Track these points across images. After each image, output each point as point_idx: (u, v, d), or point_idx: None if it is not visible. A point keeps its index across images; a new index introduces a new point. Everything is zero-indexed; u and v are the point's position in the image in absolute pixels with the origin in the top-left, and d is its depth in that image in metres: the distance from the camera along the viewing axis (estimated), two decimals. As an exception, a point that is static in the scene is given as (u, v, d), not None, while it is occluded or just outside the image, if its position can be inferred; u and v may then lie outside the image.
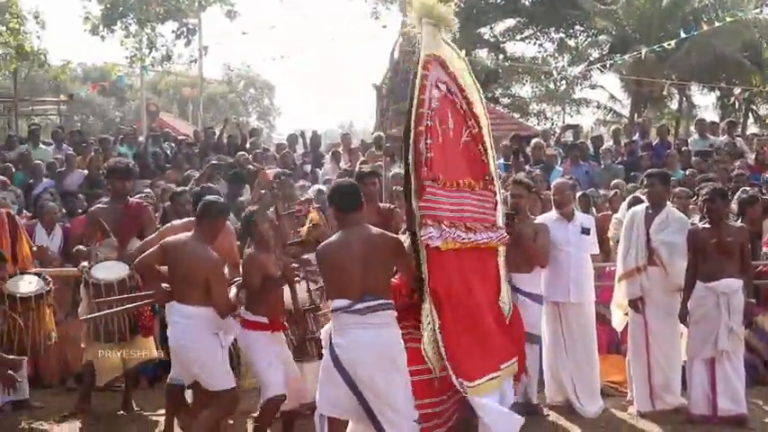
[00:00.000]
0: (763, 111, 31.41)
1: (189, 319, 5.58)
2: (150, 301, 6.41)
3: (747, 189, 9.12)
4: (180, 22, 21.87)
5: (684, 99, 30.00)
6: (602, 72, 30.09)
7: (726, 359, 6.79)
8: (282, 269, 5.83)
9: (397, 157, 10.29)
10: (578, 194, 8.59)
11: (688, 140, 15.43)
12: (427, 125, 5.16)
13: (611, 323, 7.85)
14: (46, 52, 19.84)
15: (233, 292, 5.94)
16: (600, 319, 7.67)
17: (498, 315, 5.85)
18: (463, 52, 6.14)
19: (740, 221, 7.62)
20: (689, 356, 6.98)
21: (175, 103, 47.79)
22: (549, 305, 7.28)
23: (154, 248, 5.82)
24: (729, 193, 7.76)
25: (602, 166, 12.61)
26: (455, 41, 6.68)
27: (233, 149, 13.82)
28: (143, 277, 6.56)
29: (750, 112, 30.78)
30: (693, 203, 9.07)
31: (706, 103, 41.54)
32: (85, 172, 12.36)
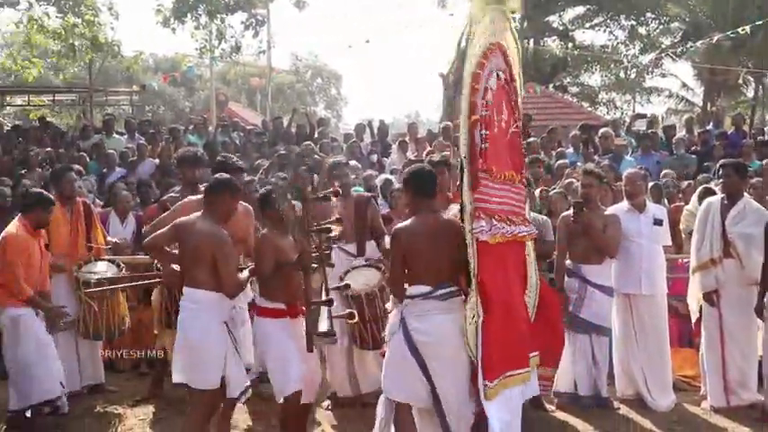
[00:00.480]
0: (844, 98, 30.41)
1: (197, 304, 5.34)
2: (158, 281, 6.47)
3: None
4: (249, 12, 22.01)
5: (761, 87, 29.15)
6: (674, 60, 29.58)
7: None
8: (300, 253, 5.52)
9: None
10: (650, 185, 8.42)
11: (765, 129, 15.03)
12: (483, 115, 5.08)
13: (682, 316, 7.71)
14: (119, 43, 20.12)
15: (245, 273, 5.65)
16: (671, 311, 7.54)
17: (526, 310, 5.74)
18: (531, 42, 6.00)
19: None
20: (765, 351, 6.80)
21: (244, 93, 48.34)
22: (619, 297, 7.18)
23: (165, 228, 5.58)
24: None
25: (675, 156, 12.35)
26: (522, 31, 6.54)
27: (301, 139, 13.92)
28: (154, 257, 6.48)
29: (829, 99, 29.86)
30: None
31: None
32: (157, 161, 12.60)
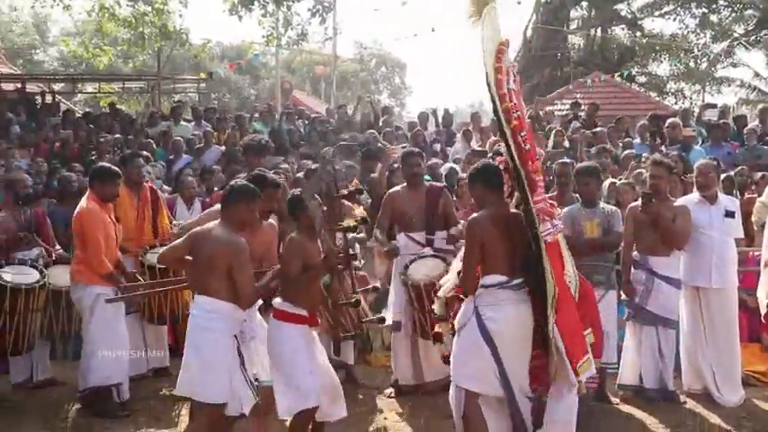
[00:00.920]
0: None
1: (209, 313, 5.05)
2: (181, 287, 6.53)
3: None
4: (315, 0, 22.07)
5: (840, 77, 28.32)
6: (746, 49, 28.80)
7: None
8: (326, 253, 5.36)
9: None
10: (722, 176, 8.25)
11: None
12: (517, 117, 5.04)
13: (752, 310, 7.54)
14: (188, 31, 20.42)
15: (266, 277, 5.41)
16: (742, 305, 7.39)
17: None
18: (599, 30, 5.85)
19: None
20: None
21: (308, 81, 48.56)
22: (688, 290, 7.05)
23: (180, 240, 5.38)
24: None
25: (746, 146, 12.05)
26: (589, 19, 6.38)
27: (366, 127, 13.95)
28: (171, 268, 6.58)
29: None
30: None
31: None
32: (222, 148, 12.74)
